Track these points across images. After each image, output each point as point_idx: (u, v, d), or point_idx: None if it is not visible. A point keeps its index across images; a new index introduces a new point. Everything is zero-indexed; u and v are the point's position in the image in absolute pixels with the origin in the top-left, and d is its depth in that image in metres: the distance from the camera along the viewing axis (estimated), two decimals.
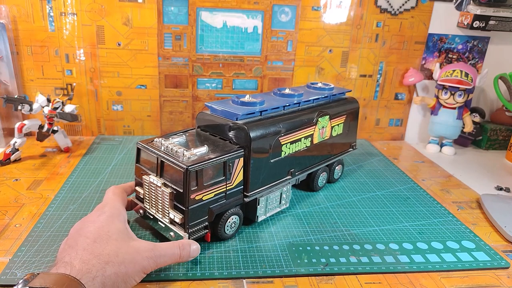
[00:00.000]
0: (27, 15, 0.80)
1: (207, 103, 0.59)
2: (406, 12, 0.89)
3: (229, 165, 0.51)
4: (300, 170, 0.63)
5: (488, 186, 0.77)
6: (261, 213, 0.58)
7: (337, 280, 0.48)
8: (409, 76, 0.93)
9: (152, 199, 0.52)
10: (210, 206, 0.50)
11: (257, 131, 0.54)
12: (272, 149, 0.56)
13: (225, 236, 0.54)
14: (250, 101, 0.58)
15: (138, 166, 0.55)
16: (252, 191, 0.55)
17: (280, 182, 0.59)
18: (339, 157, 0.72)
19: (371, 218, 0.62)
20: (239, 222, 0.55)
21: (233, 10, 0.84)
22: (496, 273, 0.51)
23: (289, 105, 0.61)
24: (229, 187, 0.52)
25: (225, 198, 0.52)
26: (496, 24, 0.87)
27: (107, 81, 0.86)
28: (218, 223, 0.52)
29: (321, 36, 0.89)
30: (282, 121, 0.58)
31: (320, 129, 0.64)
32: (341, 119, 0.69)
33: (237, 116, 0.54)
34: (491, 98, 1.00)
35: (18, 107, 0.73)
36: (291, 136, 0.59)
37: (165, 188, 0.49)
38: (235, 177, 0.52)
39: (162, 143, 0.51)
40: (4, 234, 0.53)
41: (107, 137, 0.90)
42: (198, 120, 0.60)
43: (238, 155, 0.52)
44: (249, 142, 0.52)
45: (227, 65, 0.88)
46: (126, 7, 0.81)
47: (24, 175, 0.70)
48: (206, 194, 0.49)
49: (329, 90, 0.71)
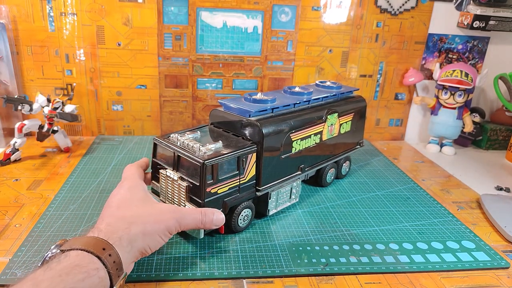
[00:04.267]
0: (27, 15, 0.80)
1: (220, 101, 0.61)
2: (406, 12, 0.89)
3: (243, 160, 0.53)
4: (309, 166, 0.65)
5: (488, 186, 0.77)
6: (272, 207, 0.60)
7: (337, 280, 0.48)
8: (409, 76, 0.93)
9: (168, 193, 0.54)
10: (225, 199, 0.53)
11: (269, 127, 0.55)
12: (283, 145, 0.58)
13: (239, 229, 0.56)
14: (262, 99, 0.60)
15: (155, 161, 0.57)
16: (264, 185, 0.57)
17: (291, 177, 0.61)
18: (346, 154, 0.73)
19: (371, 218, 0.62)
20: (251, 215, 0.57)
21: (233, 10, 0.84)
22: (496, 273, 0.51)
23: (299, 102, 0.63)
24: (243, 181, 0.54)
25: (238, 191, 0.54)
26: (496, 24, 0.87)
27: (107, 81, 0.86)
28: (232, 215, 0.54)
29: (321, 36, 0.89)
30: (293, 118, 0.59)
31: (329, 126, 0.66)
32: (349, 117, 0.70)
33: (250, 113, 0.56)
34: (491, 98, 1.00)
35: (18, 107, 0.73)
36: (301, 132, 0.61)
37: (182, 181, 0.51)
38: (248, 171, 0.55)
39: (178, 139, 0.54)
40: (4, 234, 0.53)
41: (107, 137, 0.90)
42: (211, 116, 0.62)
43: (251, 151, 0.54)
44: (261, 138, 0.54)
45: (227, 65, 0.88)
46: (126, 7, 0.81)
47: (24, 175, 0.70)
48: (221, 188, 0.52)
49: (337, 88, 0.72)
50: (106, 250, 0.38)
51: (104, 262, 0.37)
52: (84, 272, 0.35)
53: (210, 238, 0.54)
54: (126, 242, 0.40)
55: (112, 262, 0.38)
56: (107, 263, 0.37)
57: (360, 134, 0.76)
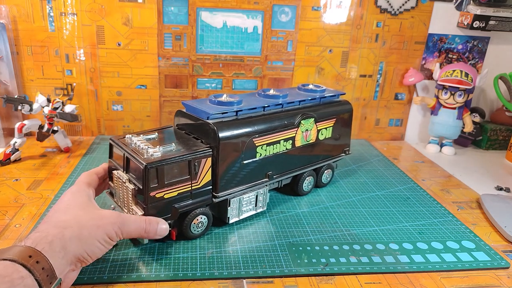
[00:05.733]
0: (27, 15, 0.80)
1: (183, 101, 0.59)
2: (406, 12, 0.89)
3: (195, 165, 0.51)
4: (279, 173, 0.61)
5: (488, 186, 0.77)
6: (233, 214, 0.57)
7: (337, 280, 0.48)
8: (409, 76, 0.93)
9: (119, 194, 0.53)
10: (174, 204, 0.50)
11: (227, 131, 0.53)
12: (244, 150, 0.55)
13: (192, 236, 0.53)
14: (226, 101, 0.57)
15: (110, 161, 0.55)
16: (222, 191, 0.54)
17: (255, 184, 0.58)
18: (328, 162, 0.69)
19: (371, 218, 0.62)
20: (207, 222, 0.54)
21: (233, 10, 0.84)
22: (496, 273, 0.51)
23: (268, 106, 0.59)
24: (195, 187, 0.52)
25: (190, 197, 0.52)
26: (496, 24, 0.87)
27: (107, 81, 0.86)
28: (183, 222, 0.52)
29: (321, 36, 0.89)
30: (258, 122, 0.56)
31: (303, 131, 0.62)
32: (329, 123, 0.67)
33: (209, 115, 0.54)
34: (491, 98, 1.00)
35: (18, 107, 0.73)
36: (267, 138, 0.57)
37: (129, 184, 0.50)
38: (202, 176, 0.52)
39: (132, 140, 0.52)
40: (4, 234, 0.53)
41: (107, 137, 0.90)
42: (175, 117, 0.60)
43: (205, 155, 0.51)
44: (217, 143, 0.52)
45: (227, 65, 0.88)
46: (126, 7, 0.81)
47: (24, 175, 0.70)
48: (169, 192, 0.49)
49: (320, 92, 0.68)
50: (33, 257, 0.36)
51: (31, 270, 0.36)
52: (7, 282, 0.34)
53: (210, 238, 0.54)
54: (58, 247, 0.39)
55: (40, 269, 0.36)
56: (34, 271, 0.36)
57: (345, 140, 0.72)
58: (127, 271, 0.47)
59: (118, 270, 0.47)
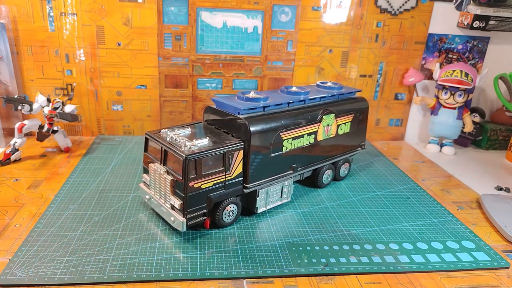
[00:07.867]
0: (27, 15, 0.80)
1: (213, 98, 0.61)
2: (406, 12, 0.89)
3: (228, 157, 0.54)
4: (302, 166, 0.64)
5: (488, 186, 0.77)
6: (261, 204, 0.60)
7: (337, 280, 0.48)
8: (409, 76, 0.93)
9: (156, 186, 0.56)
10: (209, 194, 0.53)
11: (257, 125, 0.56)
12: (272, 144, 0.58)
13: (223, 224, 0.57)
14: (254, 97, 0.60)
15: (146, 155, 0.58)
16: (252, 183, 0.57)
17: (281, 176, 0.61)
18: (345, 156, 0.73)
19: (371, 218, 0.62)
20: (237, 211, 0.58)
21: (233, 10, 0.84)
22: (496, 273, 0.51)
23: (293, 102, 0.63)
24: (228, 178, 0.55)
25: (224, 188, 0.55)
26: (496, 24, 0.87)
27: (107, 81, 0.86)
28: (216, 211, 0.55)
29: (321, 36, 0.89)
30: (284, 117, 0.59)
31: (325, 126, 0.65)
32: (348, 118, 0.70)
33: (240, 110, 0.57)
34: (491, 98, 1.00)
35: (18, 107, 0.73)
36: (293, 132, 0.60)
37: (167, 175, 0.53)
38: (234, 168, 0.55)
39: (167, 134, 0.55)
40: (4, 234, 0.53)
41: (107, 137, 0.90)
42: (205, 114, 0.63)
43: (237, 148, 0.54)
44: (249, 136, 0.55)
45: (227, 65, 0.88)
46: (126, 7, 0.81)
47: (24, 175, 0.70)
48: (205, 183, 0.52)
49: (338, 89, 0.71)
50: None
51: None
52: None
53: (210, 238, 0.54)
54: None
55: None
56: None
57: (361, 136, 0.75)
58: (127, 271, 0.47)
59: (118, 270, 0.47)
